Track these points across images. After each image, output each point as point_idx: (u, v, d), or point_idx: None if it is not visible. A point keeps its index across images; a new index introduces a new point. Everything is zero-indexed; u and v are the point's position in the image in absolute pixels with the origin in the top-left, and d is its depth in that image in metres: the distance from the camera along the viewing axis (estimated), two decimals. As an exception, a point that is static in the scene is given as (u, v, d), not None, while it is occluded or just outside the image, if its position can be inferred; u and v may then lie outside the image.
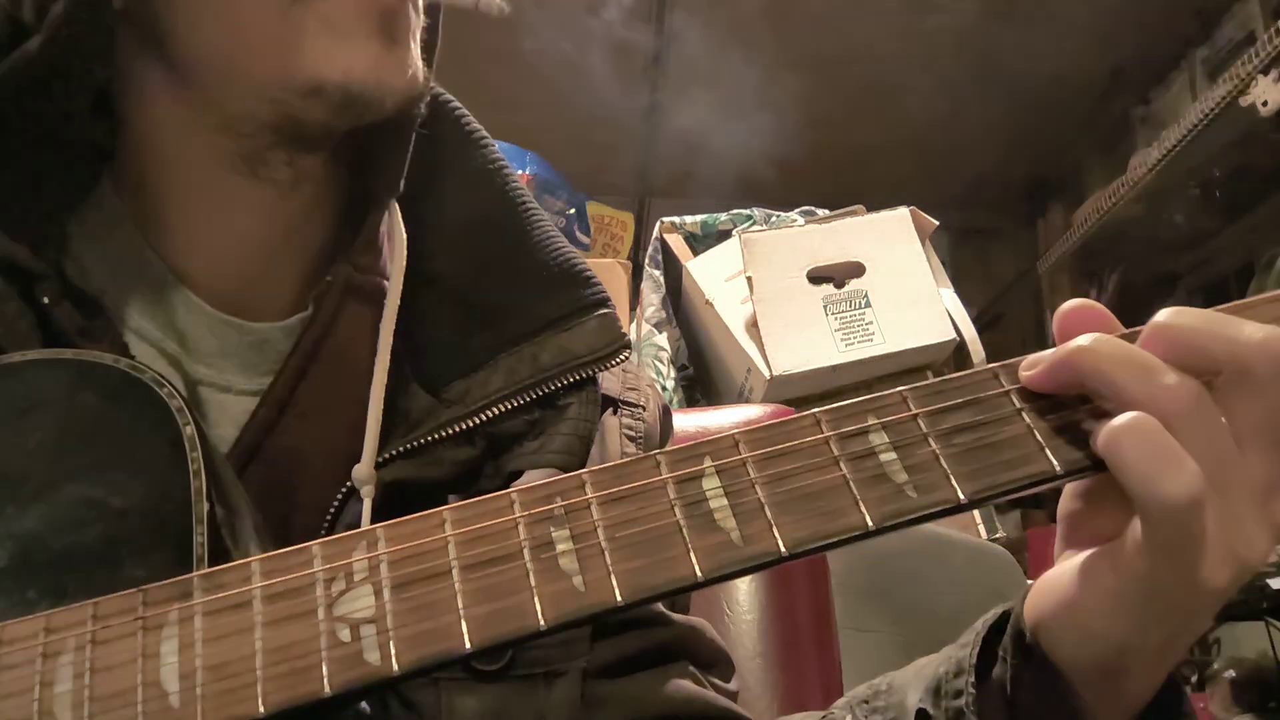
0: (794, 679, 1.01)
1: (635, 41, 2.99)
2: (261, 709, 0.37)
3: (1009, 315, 4.04)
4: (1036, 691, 0.47)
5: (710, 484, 0.41)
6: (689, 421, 1.14)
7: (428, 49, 0.64)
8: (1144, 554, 0.41)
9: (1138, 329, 0.44)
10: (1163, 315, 0.43)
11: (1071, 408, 0.43)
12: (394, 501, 0.59)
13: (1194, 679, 2.35)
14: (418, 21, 0.61)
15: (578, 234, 2.22)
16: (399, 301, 0.64)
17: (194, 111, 0.59)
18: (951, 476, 0.41)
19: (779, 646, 1.02)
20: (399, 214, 0.67)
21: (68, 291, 0.57)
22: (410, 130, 0.65)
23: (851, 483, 0.41)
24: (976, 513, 1.63)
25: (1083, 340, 0.42)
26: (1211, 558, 0.41)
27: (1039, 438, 0.42)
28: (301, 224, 0.64)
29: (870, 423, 0.42)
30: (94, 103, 0.60)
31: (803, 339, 1.54)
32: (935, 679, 0.52)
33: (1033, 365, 0.44)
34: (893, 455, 0.41)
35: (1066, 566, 0.46)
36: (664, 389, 1.68)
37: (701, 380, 1.80)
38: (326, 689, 0.37)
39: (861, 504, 0.40)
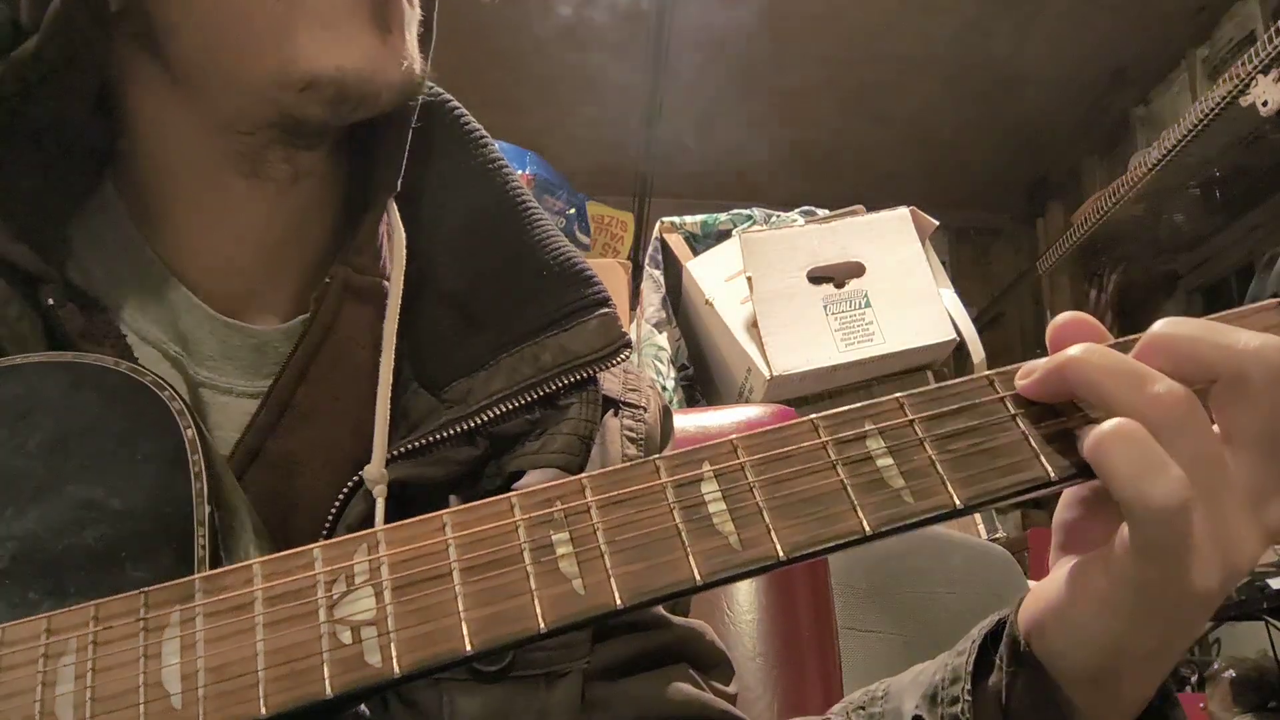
0: (794, 679, 1.01)
1: (636, 41, 3.00)
2: (263, 710, 0.37)
3: (1009, 315, 4.04)
4: (1031, 699, 0.47)
5: (709, 488, 0.41)
6: (689, 421, 1.14)
7: (423, 44, 0.64)
8: (1132, 557, 0.42)
9: (1132, 337, 0.45)
10: (1159, 325, 0.44)
11: (1066, 415, 0.43)
12: (396, 501, 0.59)
13: (1194, 679, 2.34)
14: (412, 14, 0.61)
15: (578, 234, 2.22)
16: (400, 302, 0.64)
17: (192, 112, 0.59)
18: (948, 482, 0.41)
19: (779, 646, 1.02)
20: (397, 213, 0.67)
21: (71, 293, 0.57)
22: (407, 127, 0.65)
23: (849, 488, 0.41)
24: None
25: (1074, 350, 0.43)
26: (1199, 561, 0.41)
27: (1034, 444, 0.43)
28: (301, 224, 0.64)
29: (867, 428, 0.43)
30: (95, 104, 0.60)
31: (803, 339, 1.54)
32: (931, 686, 0.53)
33: (1027, 374, 0.44)
34: (889, 461, 0.42)
35: (1059, 573, 0.46)
36: (664, 389, 1.68)
37: (701, 380, 1.80)
38: (328, 691, 0.37)
39: (859, 509, 0.41)
